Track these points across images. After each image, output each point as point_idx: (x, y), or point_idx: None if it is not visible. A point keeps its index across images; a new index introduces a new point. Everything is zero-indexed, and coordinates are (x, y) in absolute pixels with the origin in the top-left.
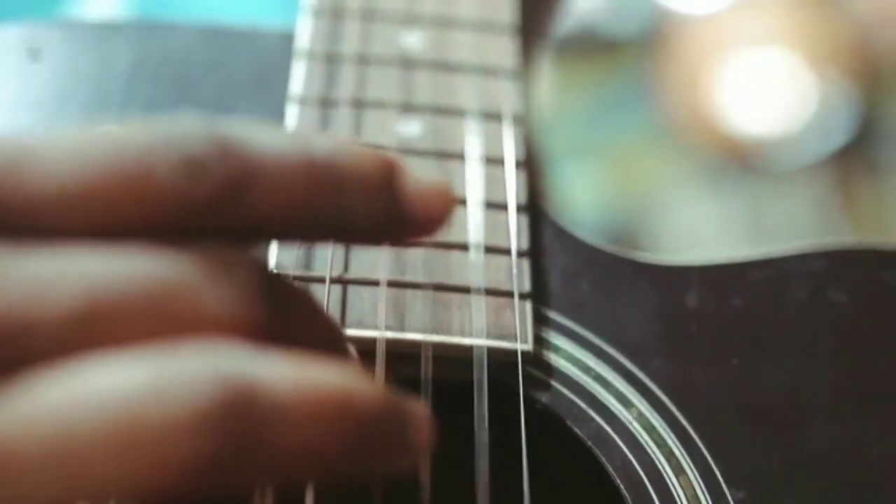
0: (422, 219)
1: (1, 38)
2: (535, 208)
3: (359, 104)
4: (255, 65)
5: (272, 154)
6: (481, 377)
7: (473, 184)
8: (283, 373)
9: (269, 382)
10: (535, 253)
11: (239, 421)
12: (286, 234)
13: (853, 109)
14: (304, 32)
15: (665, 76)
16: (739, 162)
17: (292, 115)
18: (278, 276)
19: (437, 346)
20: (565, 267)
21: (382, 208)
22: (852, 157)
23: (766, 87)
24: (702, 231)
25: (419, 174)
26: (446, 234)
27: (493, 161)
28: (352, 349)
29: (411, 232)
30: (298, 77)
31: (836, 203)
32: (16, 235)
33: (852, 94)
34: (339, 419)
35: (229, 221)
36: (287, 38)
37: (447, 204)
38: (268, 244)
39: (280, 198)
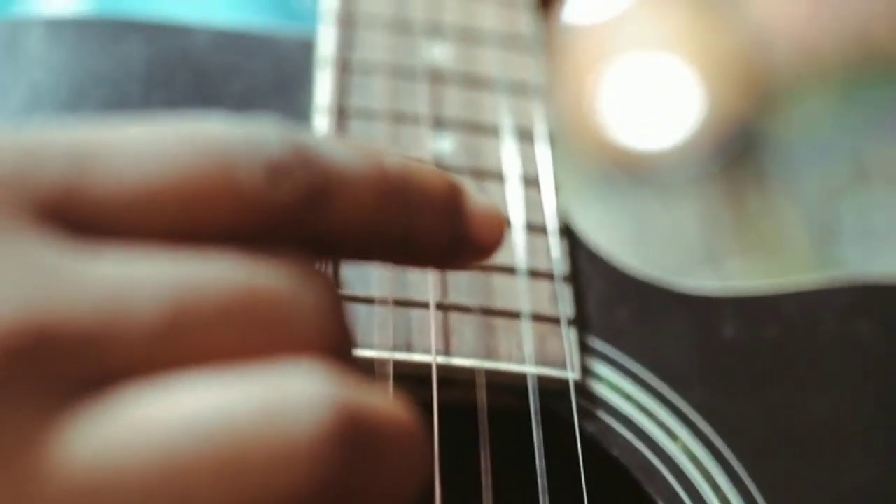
0: (481, 242)
1: (7, 31)
2: (568, 231)
3: (389, 117)
4: (276, 71)
5: (350, 165)
6: (537, 406)
7: (512, 205)
8: (374, 395)
9: (371, 406)
10: (573, 278)
11: (356, 447)
12: (356, 249)
13: (742, 121)
14: (327, 41)
15: (554, 82)
16: (627, 171)
17: (321, 125)
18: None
19: (489, 373)
20: (602, 293)
21: (448, 229)
22: (741, 170)
23: (653, 97)
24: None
25: (477, 197)
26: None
27: (528, 181)
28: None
29: (470, 255)
30: (324, 86)
31: (725, 216)
32: (91, 236)
33: (742, 105)
34: (424, 455)
35: (306, 231)
36: (307, 45)
37: (503, 228)
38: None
39: (357, 210)
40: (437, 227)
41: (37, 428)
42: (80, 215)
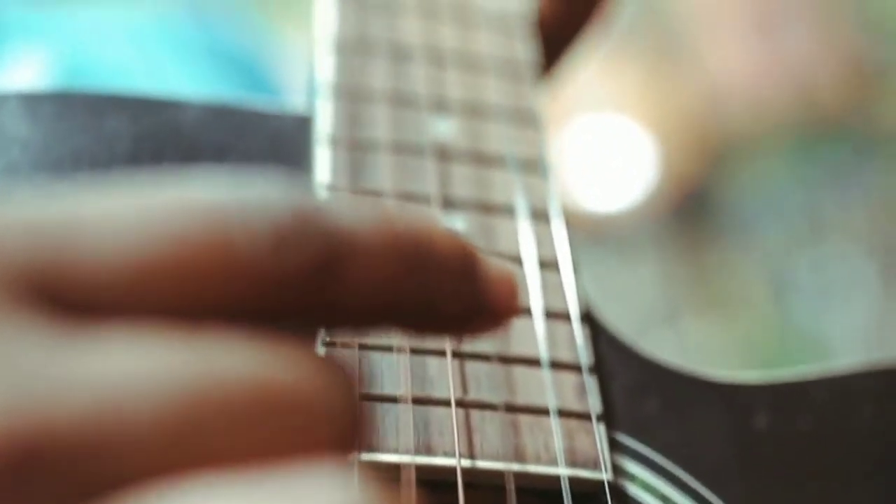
0: (498, 306)
1: None
2: (589, 317)
3: (396, 197)
4: (271, 149)
5: (359, 228)
6: None
7: (531, 290)
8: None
9: None
10: (597, 367)
11: None
12: (369, 318)
13: (697, 179)
14: (326, 116)
15: None
16: (583, 231)
17: None
18: None
19: (519, 476)
20: (629, 383)
21: (464, 292)
22: (698, 228)
23: (607, 157)
24: None
25: (490, 258)
26: (507, 347)
27: (546, 264)
28: None
29: (487, 321)
30: (324, 164)
31: (683, 275)
32: (81, 317)
33: (696, 164)
34: None
35: (316, 302)
36: (303, 121)
37: (517, 292)
38: (343, 333)
39: (370, 277)
40: (452, 291)
41: None
42: (66, 294)
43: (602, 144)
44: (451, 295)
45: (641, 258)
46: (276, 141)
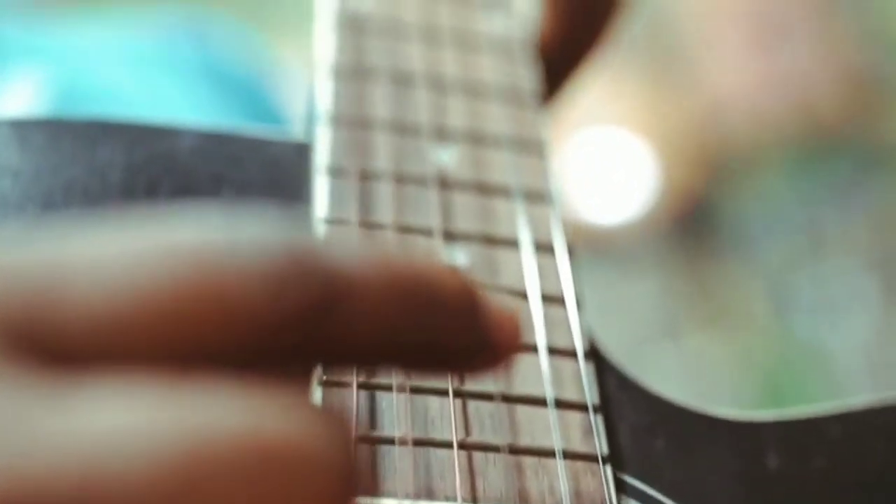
0: (500, 344)
1: None
2: (594, 353)
3: (397, 228)
4: (268, 178)
5: (357, 268)
6: None
7: (535, 326)
8: None
9: None
10: (603, 406)
11: None
12: (369, 358)
13: (698, 193)
14: (325, 145)
15: None
16: (584, 245)
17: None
18: None
19: None
20: (636, 422)
21: (466, 330)
22: (699, 243)
23: (609, 171)
24: None
25: (491, 295)
26: (511, 387)
27: (550, 299)
28: None
29: (491, 359)
30: (323, 195)
31: (684, 290)
32: (68, 366)
33: (697, 178)
34: None
35: (312, 346)
36: (301, 150)
37: (520, 330)
38: (343, 372)
39: (369, 317)
40: (454, 329)
41: None
42: (51, 344)
43: (603, 158)
44: (453, 333)
45: (642, 272)
46: (273, 170)
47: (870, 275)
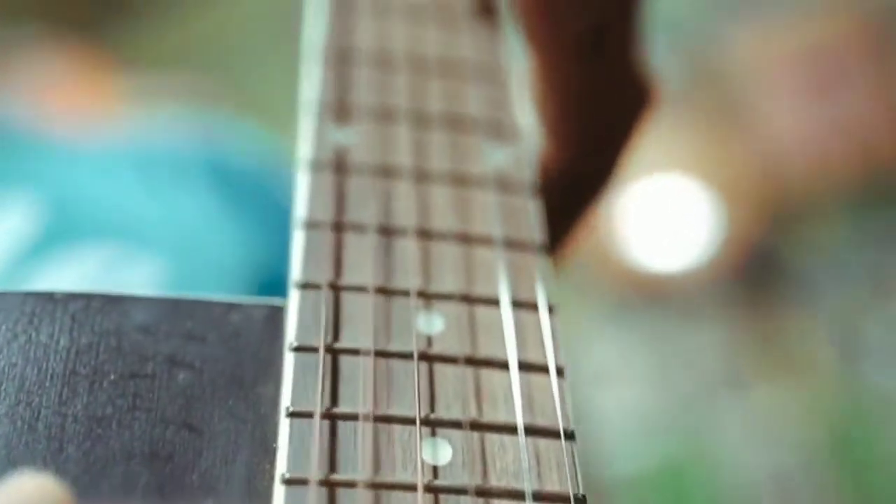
0: None
1: None
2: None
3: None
4: (230, 356)
5: None
6: None
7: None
8: None
9: None
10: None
11: None
12: None
13: (760, 241)
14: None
15: None
16: (644, 295)
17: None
18: None
19: None
20: None
21: None
22: (762, 291)
23: (669, 219)
24: (608, 366)
25: None
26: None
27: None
28: None
29: None
30: (293, 367)
31: (747, 339)
32: None
33: (758, 225)
34: None
35: None
36: (271, 320)
37: None
38: None
39: None
40: None
41: None
42: None
43: (665, 205)
44: None
45: (704, 320)
46: (236, 344)
47: None
